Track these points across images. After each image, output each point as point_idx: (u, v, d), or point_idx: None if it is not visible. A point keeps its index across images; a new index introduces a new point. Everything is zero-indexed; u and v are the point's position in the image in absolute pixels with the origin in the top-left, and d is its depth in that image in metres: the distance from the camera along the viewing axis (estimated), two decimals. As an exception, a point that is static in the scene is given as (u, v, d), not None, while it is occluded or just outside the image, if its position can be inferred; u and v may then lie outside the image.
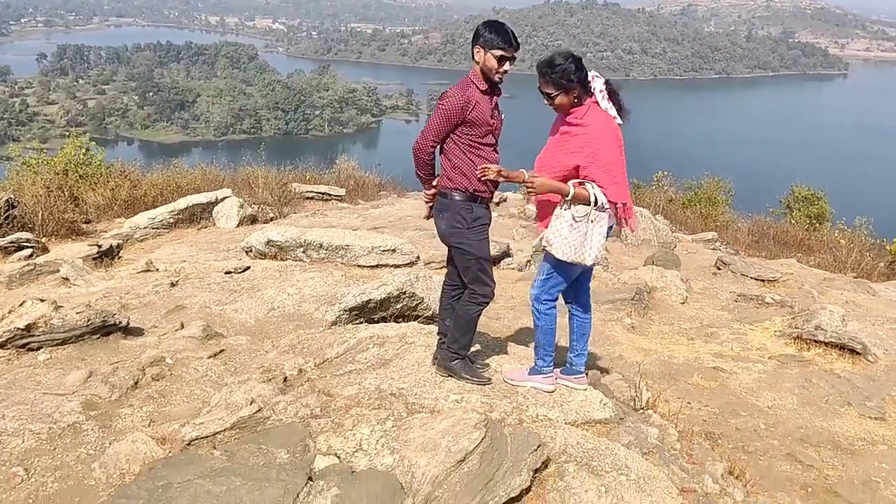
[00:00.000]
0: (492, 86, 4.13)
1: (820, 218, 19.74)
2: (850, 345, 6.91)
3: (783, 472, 4.92)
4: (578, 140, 3.90)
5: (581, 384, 4.44)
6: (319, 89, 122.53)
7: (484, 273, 4.23)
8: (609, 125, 3.91)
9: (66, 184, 12.22)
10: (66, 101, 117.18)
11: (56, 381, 4.51)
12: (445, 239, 4.27)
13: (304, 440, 3.46)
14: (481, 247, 4.21)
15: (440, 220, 4.25)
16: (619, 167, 3.92)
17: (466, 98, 4.03)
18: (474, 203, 4.17)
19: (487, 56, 4.02)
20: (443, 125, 4.05)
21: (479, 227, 4.21)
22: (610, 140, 3.87)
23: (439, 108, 4.07)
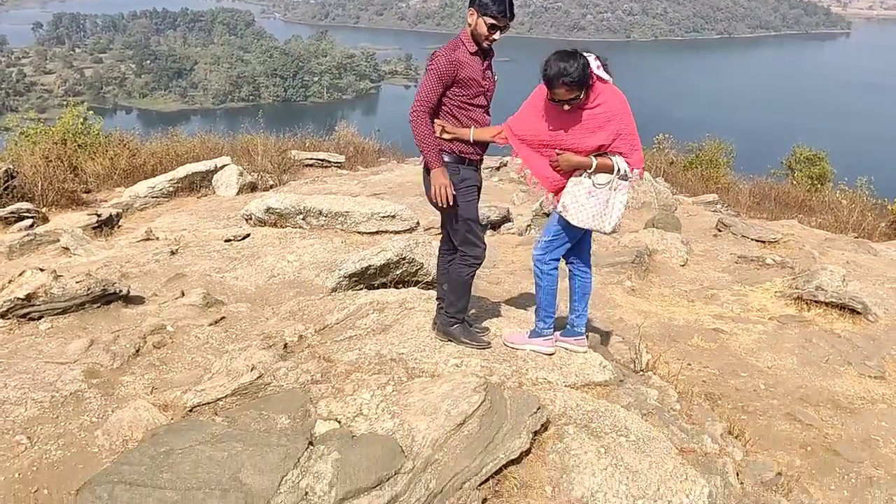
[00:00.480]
0: (482, 48, 4.07)
1: (821, 178, 19.64)
2: (850, 305, 6.92)
3: (782, 432, 4.96)
4: (600, 118, 3.88)
5: (581, 346, 4.45)
6: (317, 55, 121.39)
7: (473, 235, 4.22)
8: (619, 94, 3.93)
9: (65, 153, 12.17)
10: (63, 70, 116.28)
11: (57, 349, 4.53)
12: (434, 202, 4.23)
13: (304, 406, 3.48)
14: (469, 208, 4.18)
15: (428, 183, 4.19)
16: (636, 133, 4.00)
17: (456, 57, 3.96)
18: (462, 165, 4.13)
19: (479, 21, 3.95)
20: (435, 85, 3.98)
21: (467, 189, 4.17)
22: (626, 109, 3.93)
23: (430, 70, 4.00)
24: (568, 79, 3.73)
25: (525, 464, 3.32)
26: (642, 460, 3.38)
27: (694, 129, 26.84)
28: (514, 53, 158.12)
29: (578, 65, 3.73)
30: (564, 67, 3.73)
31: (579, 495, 3.16)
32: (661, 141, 21.02)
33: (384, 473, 2.89)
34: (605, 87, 3.88)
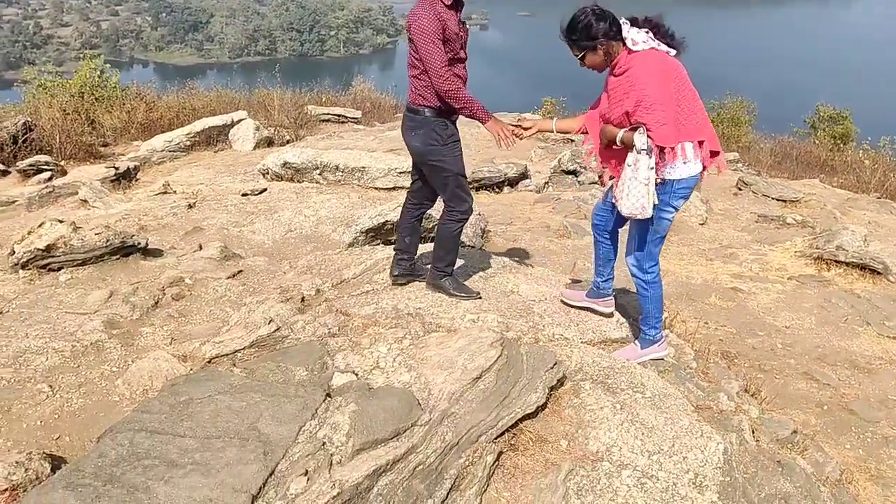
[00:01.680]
0: (456, 1, 3.97)
1: (844, 138, 19.31)
2: (871, 265, 6.84)
3: (799, 391, 4.95)
4: (622, 88, 3.59)
5: (608, 307, 4.39)
6: (334, 9, 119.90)
7: (461, 189, 4.18)
8: (652, 63, 3.50)
9: (83, 107, 12.18)
10: (80, 22, 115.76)
11: (77, 300, 4.58)
12: (422, 157, 4.16)
13: (321, 358, 3.50)
14: (457, 162, 4.15)
15: (413, 138, 4.13)
16: (670, 106, 3.48)
17: (437, 15, 3.85)
18: (448, 120, 4.08)
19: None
20: (437, 46, 3.85)
21: (454, 143, 4.13)
22: (656, 79, 3.47)
23: (420, 33, 3.85)
24: (570, 33, 3.60)
25: (541, 418, 3.33)
26: (658, 416, 3.38)
27: (715, 86, 26.35)
28: (534, 8, 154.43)
29: (585, 22, 3.54)
30: (571, 21, 3.59)
31: (594, 450, 3.17)
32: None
33: (401, 425, 2.91)
34: (635, 55, 3.55)
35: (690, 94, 3.59)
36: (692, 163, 3.62)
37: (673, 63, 3.57)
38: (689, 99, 3.58)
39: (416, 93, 4.05)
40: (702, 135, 3.63)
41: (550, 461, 3.08)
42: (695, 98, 3.61)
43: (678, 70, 3.57)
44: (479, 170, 9.72)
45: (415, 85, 4.06)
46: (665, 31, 3.63)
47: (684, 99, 3.56)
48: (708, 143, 3.66)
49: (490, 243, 6.74)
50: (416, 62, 3.99)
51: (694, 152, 3.61)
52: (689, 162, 3.61)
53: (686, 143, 3.57)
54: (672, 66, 3.55)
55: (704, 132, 3.65)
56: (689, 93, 3.59)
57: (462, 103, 3.95)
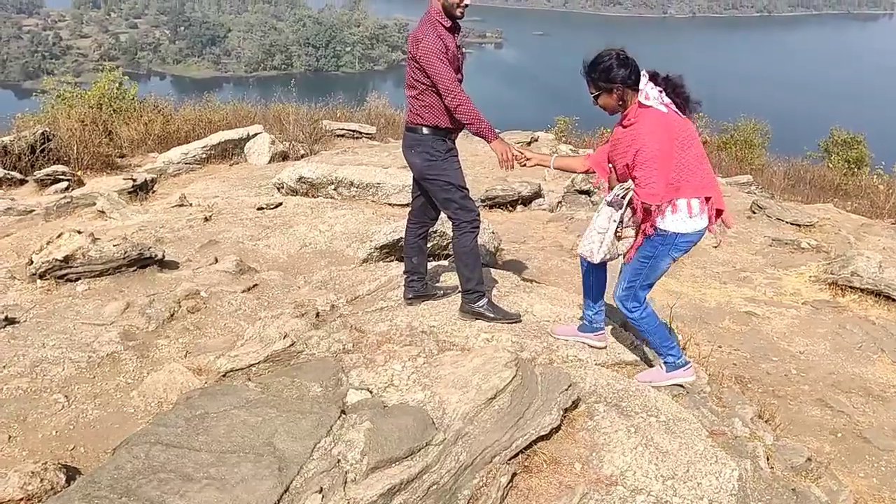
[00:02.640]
0: (454, 22, 4.05)
1: (859, 162, 19.23)
2: (886, 291, 6.81)
3: (813, 417, 4.92)
4: (626, 140, 3.63)
5: (602, 341, 4.30)
6: (350, 25, 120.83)
7: (466, 200, 4.22)
8: (658, 122, 3.53)
9: (101, 118, 12.30)
10: (99, 34, 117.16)
11: (94, 311, 4.61)
12: (422, 173, 4.22)
13: (336, 374, 3.51)
14: (458, 175, 4.21)
15: (413, 156, 4.20)
16: (665, 167, 3.51)
17: (439, 36, 3.95)
18: (446, 137, 4.15)
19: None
20: (446, 66, 3.94)
21: (453, 158, 4.21)
22: (657, 138, 3.50)
23: (427, 56, 3.92)
24: (590, 71, 3.64)
25: (555, 440, 3.32)
26: (672, 441, 3.37)
27: (729, 108, 26.33)
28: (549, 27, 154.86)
29: (606, 64, 3.57)
30: (595, 59, 3.63)
31: (609, 473, 3.16)
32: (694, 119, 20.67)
33: (415, 444, 2.91)
34: (644, 110, 3.57)
35: (697, 153, 3.62)
36: (698, 219, 3.65)
37: (680, 123, 3.59)
38: (695, 157, 3.60)
39: (415, 112, 4.14)
40: (708, 191, 3.65)
41: (564, 484, 3.07)
42: (702, 157, 3.65)
43: (685, 130, 3.59)
44: (492, 188, 9.74)
45: (413, 105, 4.15)
46: (682, 92, 3.66)
47: (691, 158, 3.58)
48: (714, 202, 3.68)
49: (503, 261, 6.75)
50: (414, 82, 4.07)
51: (700, 208, 3.64)
52: (695, 217, 3.64)
53: (692, 200, 3.61)
54: (678, 127, 3.57)
55: (711, 190, 3.67)
56: (696, 151, 3.62)
57: (471, 119, 4.01)
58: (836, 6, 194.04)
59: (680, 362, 3.98)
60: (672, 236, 3.64)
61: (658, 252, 3.70)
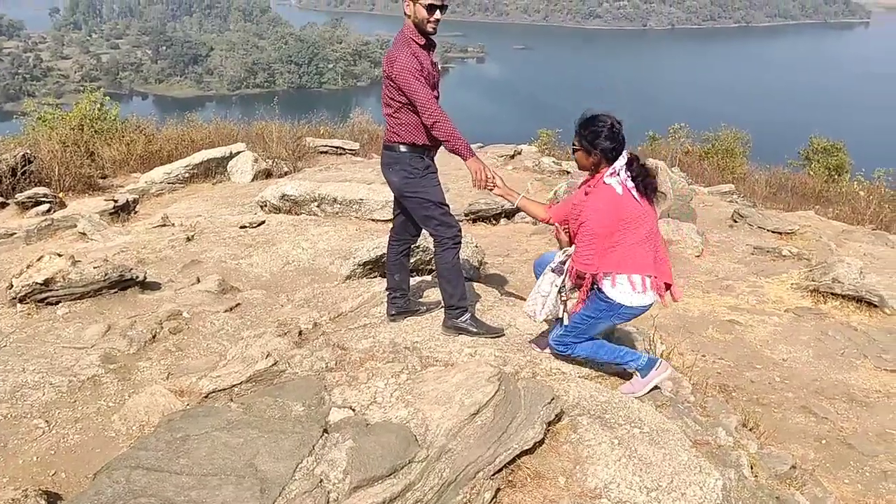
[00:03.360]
0: (428, 39, 4.08)
1: (839, 169, 19.47)
2: (867, 297, 6.86)
3: (797, 425, 4.94)
4: (582, 206, 3.82)
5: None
6: (332, 42, 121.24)
7: (446, 216, 4.22)
8: (610, 201, 3.69)
9: (82, 139, 12.26)
10: (80, 55, 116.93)
11: (75, 334, 4.57)
12: (400, 191, 4.24)
13: (319, 393, 3.49)
14: (438, 192, 4.21)
15: (391, 174, 4.22)
16: (604, 242, 3.70)
17: (413, 54, 3.97)
18: (424, 154, 4.16)
19: (417, 7, 3.95)
20: (422, 84, 3.96)
21: (432, 175, 4.21)
22: (605, 214, 3.67)
23: (403, 74, 3.94)
24: (581, 126, 3.79)
25: (539, 454, 3.32)
26: (656, 452, 3.37)
27: (710, 118, 26.59)
28: (531, 41, 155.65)
29: (597, 129, 3.73)
30: (591, 119, 3.77)
31: (593, 486, 3.16)
32: (676, 130, 20.88)
33: (398, 462, 2.90)
34: (605, 187, 3.74)
35: (645, 234, 3.75)
36: (642, 294, 3.78)
37: (633, 206, 3.72)
38: (642, 237, 3.74)
39: (392, 130, 4.16)
40: (652, 271, 3.79)
41: (548, 498, 3.07)
42: (651, 237, 3.78)
43: (637, 212, 3.72)
44: (475, 202, 9.77)
45: (390, 123, 4.17)
46: (651, 182, 3.79)
47: (637, 238, 3.73)
48: (661, 277, 3.84)
49: (486, 275, 6.75)
50: (391, 101, 4.09)
51: (644, 285, 3.76)
52: (638, 293, 3.77)
53: (634, 276, 3.75)
54: (630, 209, 3.71)
55: (656, 269, 3.82)
56: (644, 232, 3.75)
57: (447, 136, 4.01)
58: (812, 15, 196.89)
59: (643, 363, 4.03)
60: (617, 306, 3.79)
61: (601, 315, 3.86)
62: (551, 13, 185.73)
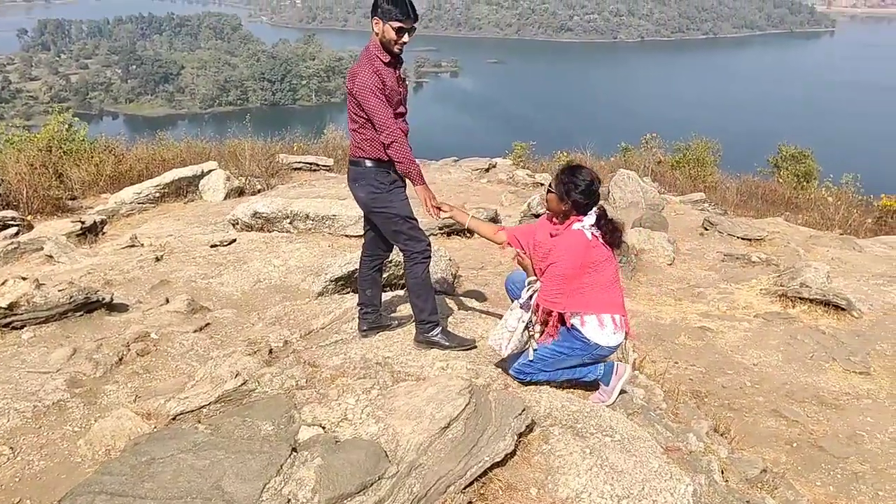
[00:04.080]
0: (394, 57, 4.10)
1: (807, 176, 19.73)
2: (834, 301, 6.95)
3: (768, 428, 4.98)
4: (545, 248, 3.95)
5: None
6: (305, 58, 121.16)
7: (415, 230, 4.24)
8: (580, 244, 3.83)
9: (51, 160, 12.09)
10: (49, 76, 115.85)
11: (40, 359, 4.50)
12: (367, 206, 4.25)
13: (288, 412, 3.47)
14: (405, 206, 4.22)
15: (357, 189, 4.24)
16: (572, 282, 3.82)
17: (376, 71, 4.00)
18: (390, 169, 4.17)
19: (386, 28, 3.99)
20: (382, 104, 3.98)
21: (399, 189, 4.22)
22: (571, 258, 3.81)
23: (363, 92, 3.97)
24: (560, 173, 3.91)
25: (510, 466, 3.31)
26: (627, 460, 3.39)
27: (681, 128, 26.95)
28: (504, 55, 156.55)
29: (575, 181, 3.83)
30: (573, 170, 3.90)
31: (564, 496, 3.16)
32: (648, 140, 21.08)
33: (368, 479, 2.88)
34: (575, 231, 3.86)
35: (609, 277, 3.90)
36: (613, 335, 3.90)
37: (599, 250, 3.87)
38: (606, 280, 3.89)
39: (356, 146, 4.17)
40: (617, 311, 3.92)
41: (520, 510, 3.06)
42: (614, 280, 3.93)
43: (602, 256, 3.88)
44: (449, 215, 9.78)
45: (355, 138, 4.18)
46: (618, 236, 3.96)
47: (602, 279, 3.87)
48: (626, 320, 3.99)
49: (461, 288, 6.76)
50: (355, 117, 4.10)
51: (614, 324, 3.88)
52: (607, 332, 3.89)
53: (603, 315, 3.87)
54: (596, 252, 3.85)
55: (620, 309, 3.95)
56: (608, 275, 3.89)
57: (401, 158, 4.03)
58: (778, 25, 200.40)
59: (601, 372, 4.07)
60: (593, 346, 3.90)
61: (574, 353, 3.95)
62: (523, 27, 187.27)
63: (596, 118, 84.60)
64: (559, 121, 23.05)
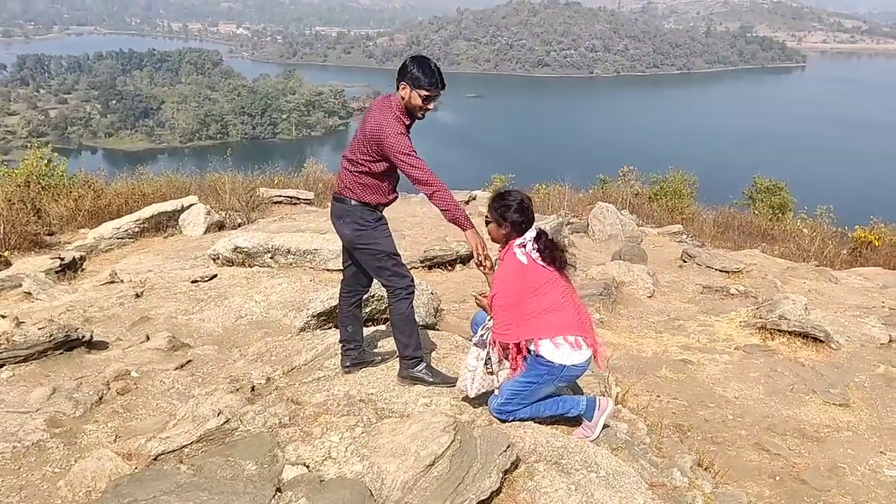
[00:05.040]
0: (413, 121, 4.18)
1: (782, 208, 20.07)
2: (812, 333, 7.03)
3: (751, 462, 5.00)
4: (496, 273, 4.02)
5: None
6: (286, 93, 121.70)
7: (399, 266, 4.28)
8: (514, 271, 3.90)
9: (29, 196, 12.01)
10: (27, 111, 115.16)
11: (19, 398, 4.43)
12: (352, 243, 4.30)
13: (272, 450, 3.44)
14: (390, 243, 4.28)
15: (342, 226, 4.29)
16: (516, 311, 3.87)
17: (405, 132, 4.06)
18: (374, 208, 4.24)
19: (413, 94, 4.06)
20: (413, 153, 4.03)
21: (383, 226, 4.28)
22: (511, 283, 3.87)
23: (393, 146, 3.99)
24: (493, 200, 4.06)
25: (496, 503, 3.30)
26: (612, 496, 3.39)
27: (657, 161, 27.37)
28: (482, 89, 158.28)
29: (507, 203, 3.96)
30: (504, 194, 4.05)
31: (550, 534, 3.15)
32: (626, 173, 21.35)
33: (353, 518, 2.86)
34: (512, 257, 3.94)
35: (557, 298, 3.94)
36: (579, 351, 3.93)
37: (539, 273, 3.93)
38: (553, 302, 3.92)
39: (347, 186, 4.23)
40: (573, 331, 3.93)
41: (506, 548, 3.05)
42: (564, 300, 3.96)
43: (543, 279, 3.93)
44: (431, 248, 9.80)
45: (347, 178, 4.22)
46: (559, 255, 4.02)
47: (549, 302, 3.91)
48: (589, 337, 4.00)
49: (443, 322, 6.77)
50: (359, 159, 4.14)
51: (569, 345, 3.90)
52: (575, 350, 3.91)
53: (557, 338, 3.89)
54: (535, 277, 3.91)
55: (585, 330, 3.99)
56: (555, 297, 3.93)
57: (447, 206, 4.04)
58: (750, 61, 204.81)
59: (583, 407, 4.08)
60: (558, 368, 3.91)
61: (543, 380, 3.95)
62: (501, 62, 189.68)
63: (574, 151, 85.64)
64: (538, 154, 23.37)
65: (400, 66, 4.12)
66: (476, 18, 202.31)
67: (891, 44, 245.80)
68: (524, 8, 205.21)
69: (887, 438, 5.41)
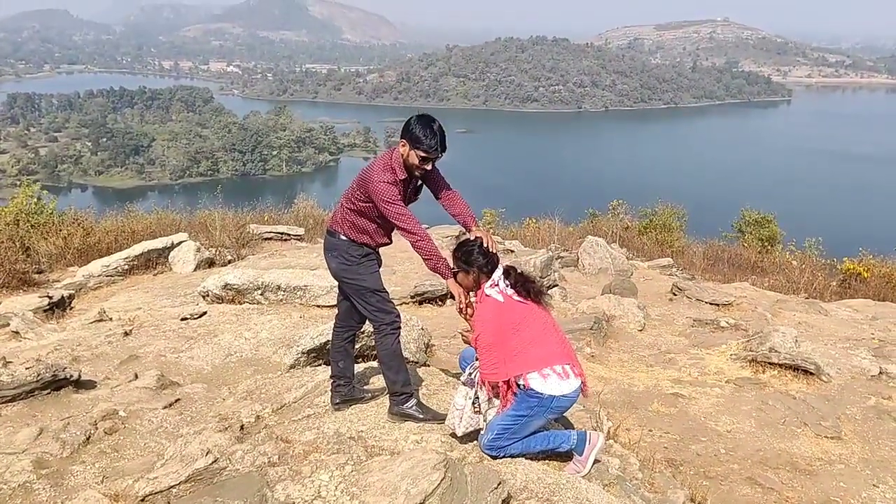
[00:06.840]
0: (410, 177, 4.23)
1: (771, 240, 20.20)
2: (803, 366, 7.04)
3: (744, 496, 4.97)
4: (475, 317, 4.09)
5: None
6: (276, 129, 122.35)
7: (384, 302, 4.31)
8: (493, 311, 3.98)
9: (18, 234, 11.98)
10: (17, 149, 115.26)
11: (6, 439, 4.38)
12: (338, 276, 4.37)
13: (261, 490, 3.41)
14: (375, 279, 4.32)
15: (331, 259, 4.36)
16: (500, 349, 3.92)
17: (395, 185, 4.12)
18: (363, 245, 4.30)
19: (411, 153, 4.11)
20: (401, 206, 4.11)
21: (370, 262, 4.33)
22: (491, 325, 3.94)
23: (377, 192, 4.08)
24: (456, 250, 4.17)
25: (487, 541, 3.27)
26: (605, 533, 3.36)
27: (647, 194, 27.55)
28: (472, 125, 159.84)
29: (469, 249, 4.09)
30: (463, 242, 4.15)
31: (542, 572, 3.12)
32: (615, 206, 21.49)
33: (343, 558, 2.83)
34: (487, 299, 4.02)
35: (539, 330, 3.99)
36: (567, 381, 3.94)
37: (517, 309, 4.00)
38: (536, 335, 3.97)
39: (340, 221, 4.31)
40: (559, 361, 3.96)
41: (498, 587, 3.01)
42: (547, 332, 4.01)
43: (522, 314, 3.99)
44: (421, 284, 9.81)
45: (341, 214, 4.30)
46: (532, 287, 4.09)
47: (531, 336, 3.96)
48: (575, 366, 4.03)
49: (434, 357, 6.74)
50: (354, 201, 4.23)
51: (556, 375, 3.93)
52: (563, 380, 3.93)
53: (545, 369, 3.92)
54: (514, 313, 3.98)
55: (563, 359, 3.99)
56: (537, 330, 3.99)
57: (429, 255, 4.13)
58: (737, 95, 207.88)
59: (574, 441, 4.07)
60: (548, 399, 3.92)
61: (533, 413, 3.96)
62: (490, 98, 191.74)
63: (564, 185, 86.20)
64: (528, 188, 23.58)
65: (405, 123, 4.16)
66: (465, 55, 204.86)
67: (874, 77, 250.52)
68: (512, 44, 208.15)
69: (880, 471, 5.39)
